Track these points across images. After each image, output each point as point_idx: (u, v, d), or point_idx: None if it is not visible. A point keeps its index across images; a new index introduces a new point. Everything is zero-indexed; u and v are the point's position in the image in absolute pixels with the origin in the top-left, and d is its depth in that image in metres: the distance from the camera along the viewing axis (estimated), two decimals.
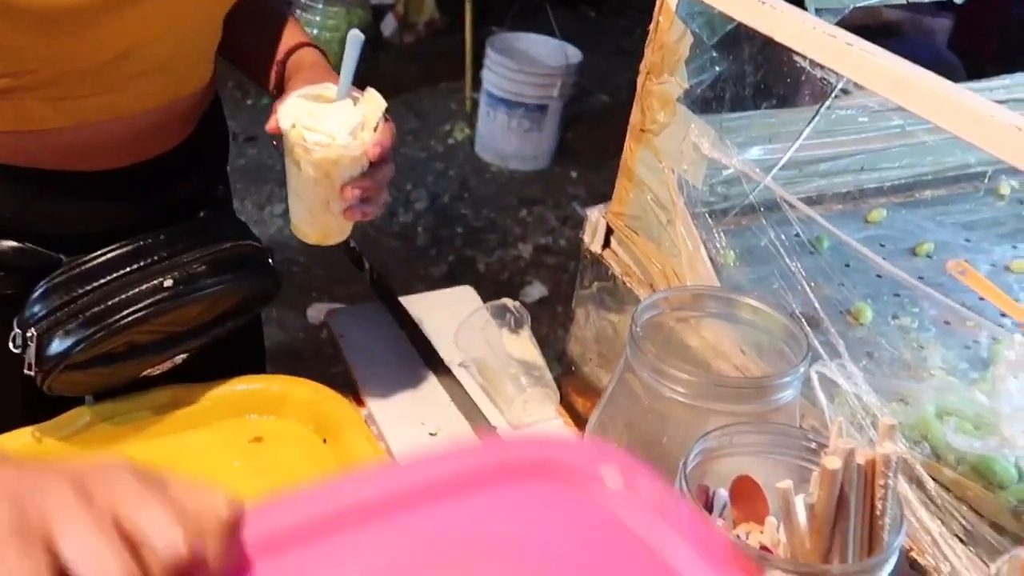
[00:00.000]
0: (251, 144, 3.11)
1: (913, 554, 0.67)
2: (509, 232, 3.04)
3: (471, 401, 0.96)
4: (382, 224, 2.94)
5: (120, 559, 0.37)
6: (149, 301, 0.80)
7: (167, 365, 0.88)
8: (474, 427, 0.96)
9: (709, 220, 0.90)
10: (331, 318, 1.12)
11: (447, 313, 1.07)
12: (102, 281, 0.79)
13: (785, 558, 0.54)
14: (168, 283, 0.80)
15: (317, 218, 0.81)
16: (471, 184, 3.28)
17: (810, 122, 0.91)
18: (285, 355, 2.33)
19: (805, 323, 0.81)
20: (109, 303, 0.79)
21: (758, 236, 0.92)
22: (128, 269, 0.80)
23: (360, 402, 0.99)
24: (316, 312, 2.50)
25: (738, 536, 0.58)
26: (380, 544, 0.51)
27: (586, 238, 0.98)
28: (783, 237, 0.90)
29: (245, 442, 0.90)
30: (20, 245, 0.79)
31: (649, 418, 0.69)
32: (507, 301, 1.03)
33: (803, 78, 0.81)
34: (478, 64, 3.28)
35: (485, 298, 1.10)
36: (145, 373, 0.87)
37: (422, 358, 1.04)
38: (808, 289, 0.86)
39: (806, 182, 1.07)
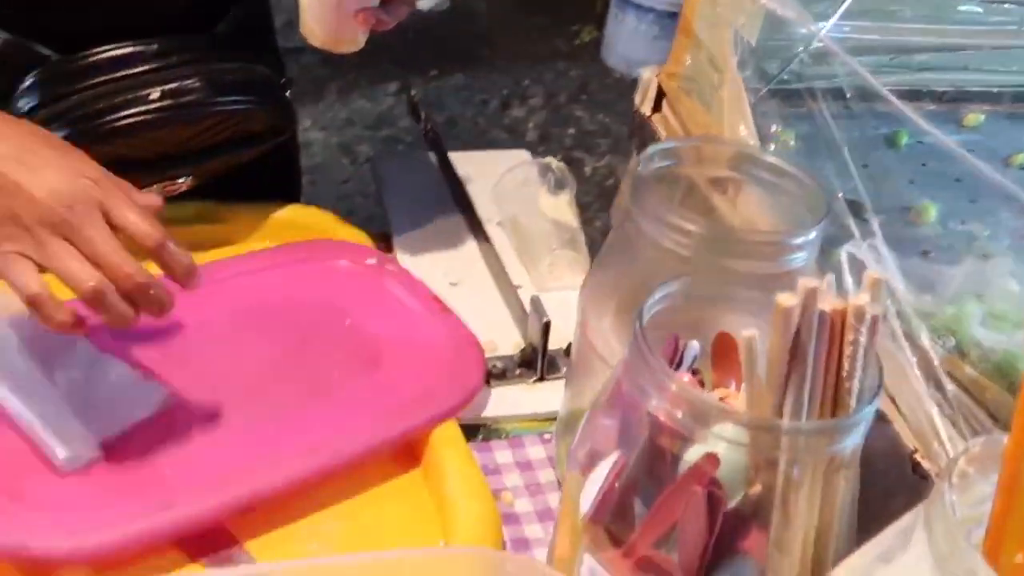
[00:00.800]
0: None
1: (918, 456, 0.61)
2: (622, 139, 2.95)
3: (497, 259, 0.92)
4: (492, 116, 2.90)
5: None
6: (133, 111, 0.77)
7: (170, 189, 0.85)
8: (497, 284, 0.92)
9: (773, 97, 0.82)
10: (377, 158, 1.09)
11: (496, 172, 1.03)
12: (89, 83, 0.76)
13: (734, 410, 0.48)
14: (155, 95, 0.77)
15: (326, 10, 0.76)
16: (591, 88, 3.19)
17: None
18: (327, 188, 2.33)
19: (849, 207, 0.73)
20: (95, 107, 0.76)
21: (828, 124, 0.83)
22: (118, 74, 0.77)
23: (389, 247, 0.96)
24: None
25: (695, 385, 0.52)
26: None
27: (637, 99, 0.92)
28: (857, 128, 0.82)
29: None
30: (10, 37, 0.76)
31: (644, 273, 0.63)
32: (551, 160, 0.98)
33: None
34: None
35: None
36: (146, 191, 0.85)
37: (460, 211, 1.00)
38: (871, 178, 0.78)
39: (897, 73, 0.97)
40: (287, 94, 0.86)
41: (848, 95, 0.84)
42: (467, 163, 1.07)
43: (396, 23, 0.79)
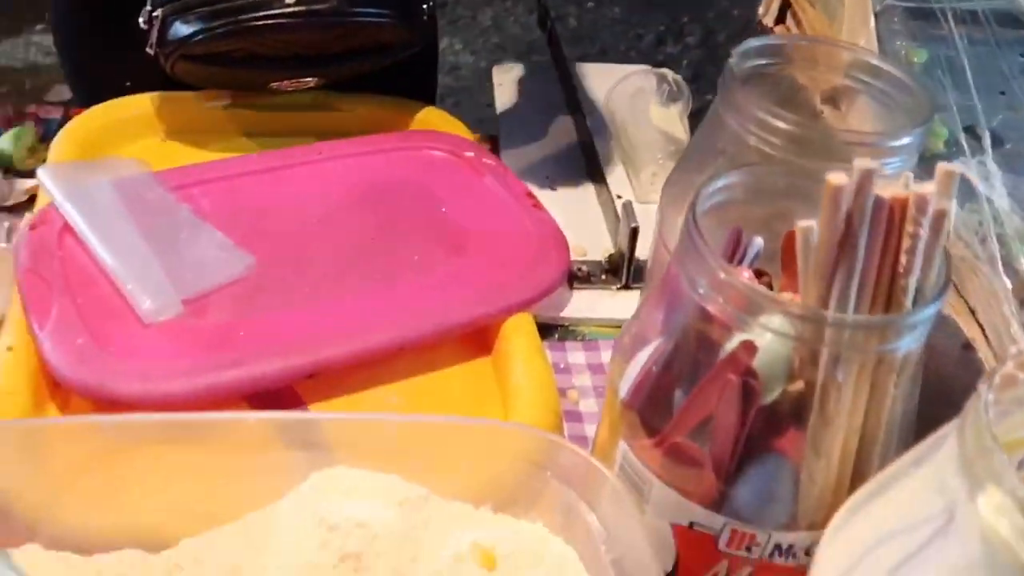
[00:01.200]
0: None
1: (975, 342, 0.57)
2: None
3: (599, 166, 0.90)
4: (646, 51, 2.84)
5: None
6: (270, 12, 0.78)
7: (296, 84, 0.87)
8: (597, 192, 0.90)
9: (903, 14, 0.77)
10: (496, 66, 1.08)
11: (621, 79, 1.01)
12: None
13: (776, 297, 0.46)
14: (290, 0, 0.78)
15: None
16: (752, 30, 3.08)
17: None
18: (470, 109, 2.34)
19: (967, 132, 0.68)
20: (235, 3, 0.78)
21: (961, 47, 0.77)
22: None
23: (495, 150, 0.96)
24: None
25: (743, 276, 0.50)
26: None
27: (760, 9, 0.87)
28: (1002, 58, 0.76)
29: None
30: None
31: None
32: (667, 72, 0.95)
33: None
34: None
35: None
36: (273, 86, 0.87)
37: (571, 118, 0.99)
38: (1010, 108, 0.73)
39: None
40: (425, 6, 0.86)
41: (987, 19, 0.78)
42: (587, 73, 1.05)
43: None
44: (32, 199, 0.83)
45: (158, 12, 0.79)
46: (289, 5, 0.79)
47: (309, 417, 0.56)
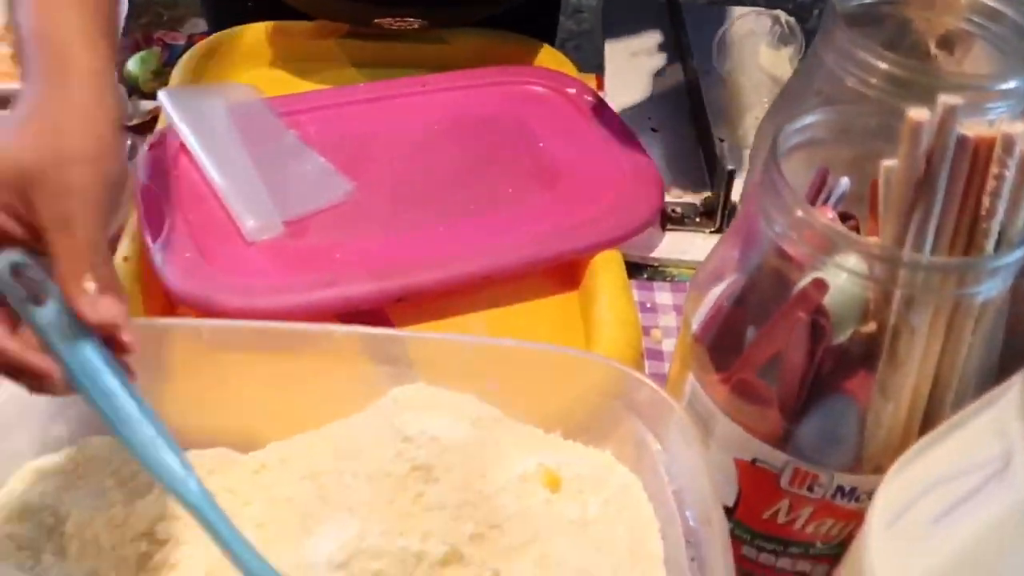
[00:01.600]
0: None
1: None
2: None
3: (703, 107, 0.89)
4: None
5: None
6: None
7: (401, 24, 0.89)
8: (698, 134, 0.90)
9: None
10: (607, 4, 1.08)
11: (734, 20, 0.99)
12: None
13: (850, 235, 0.45)
14: None
15: None
16: None
17: None
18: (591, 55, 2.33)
19: None
20: None
21: None
22: None
23: (600, 85, 0.96)
24: None
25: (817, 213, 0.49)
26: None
27: None
28: None
29: None
30: None
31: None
32: (780, 13, 0.93)
33: None
34: None
35: None
36: (377, 22, 0.89)
37: (679, 59, 0.98)
38: None
39: None
40: None
41: None
42: (700, 14, 1.03)
43: None
44: (154, 120, 0.87)
45: None
46: None
47: (394, 334, 0.58)
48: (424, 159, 0.79)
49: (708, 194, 0.81)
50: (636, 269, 0.77)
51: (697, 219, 0.80)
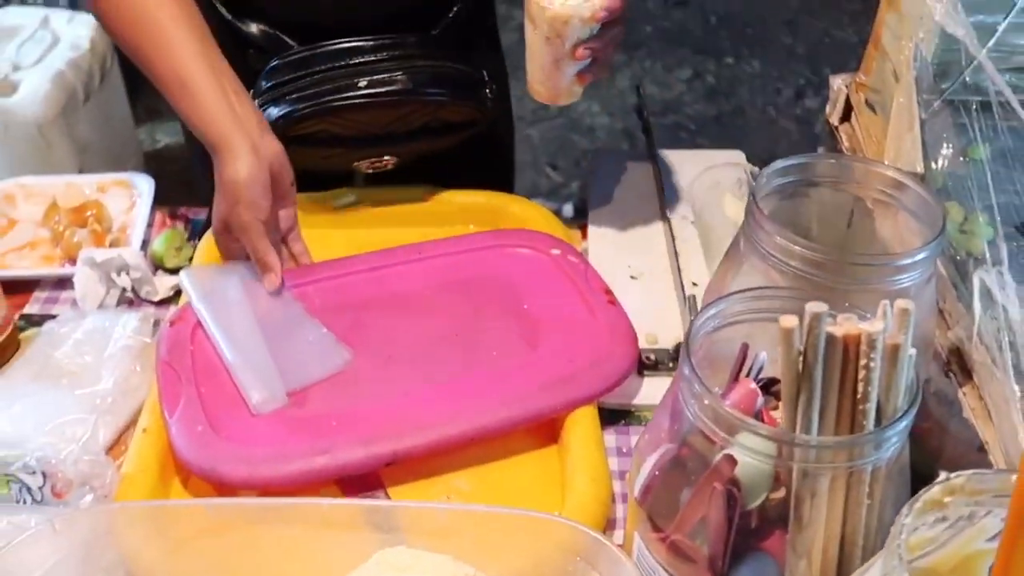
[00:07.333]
0: None
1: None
2: None
3: (676, 257, 0.97)
4: (784, 106, 2.85)
5: None
6: (345, 94, 0.90)
7: (375, 166, 0.99)
8: (674, 280, 0.97)
9: (965, 107, 0.80)
10: (593, 155, 1.16)
11: (703, 171, 1.07)
12: (315, 69, 0.91)
13: (749, 421, 0.51)
14: (363, 83, 0.90)
15: (548, 76, 0.87)
16: None
17: None
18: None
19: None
20: (317, 89, 0.91)
21: (1007, 138, 0.80)
22: (338, 63, 0.91)
23: (584, 234, 1.03)
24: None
25: (757, 394, 0.56)
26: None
27: (827, 108, 0.92)
28: None
29: None
30: (267, 29, 0.93)
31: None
32: (743, 164, 1.01)
33: None
34: None
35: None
36: (355, 165, 0.99)
37: (659, 207, 1.05)
38: None
39: None
40: (488, 91, 0.95)
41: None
42: (680, 160, 1.11)
43: (608, 72, 0.88)
44: (178, 294, 0.96)
45: (256, 101, 0.92)
46: (362, 88, 0.92)
47: (383, 505, 0.65)
48: (416, 324, 0.86)
49: (680, 340, 0.88)
50: (614, 416, 0.83)
51: (670, 364, 0.86)
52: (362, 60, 0.92)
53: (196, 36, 0.84)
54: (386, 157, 0.98)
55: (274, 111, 0.91)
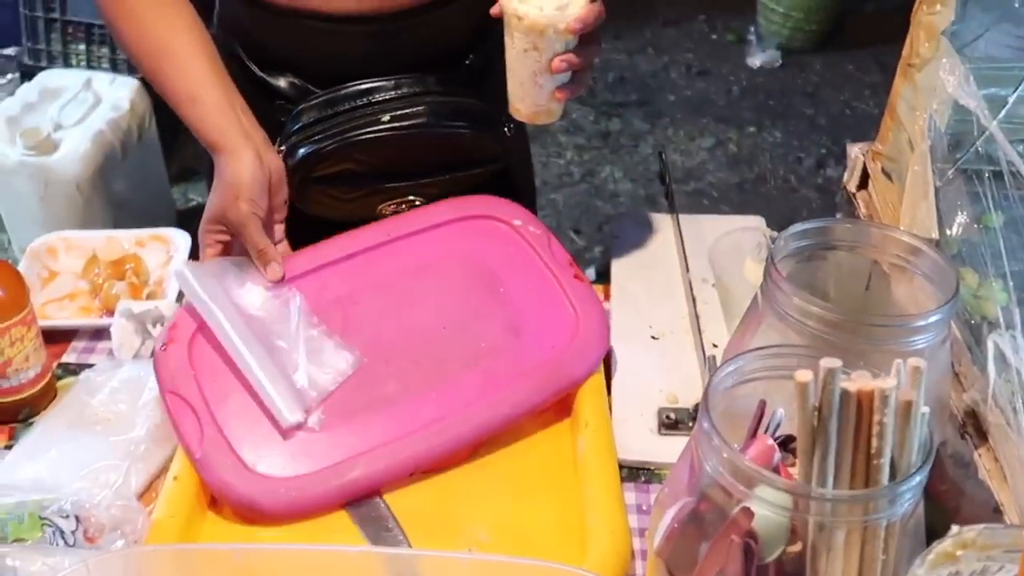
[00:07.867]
0: None
1: None
2: None
3: (696, 319, 0.99)
4: (806, 175, 2.87)
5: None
6: (369, 130, 0.94)
7: (400, 208, 1.01)
8: (695, 341, 0.98)
9: (979, 176, 0.83)
10: (616, 219, 1.19)
11: (723, 235, 1.09)
12: (340, 109, 0.95)
13: (766, 473, 0.53)
14: (385, 119, 0.94)
15: (527, 91, 0.89)
16: None
17: None
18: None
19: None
20: (342, 127, 0.94)
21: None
22: (361, 102, 0.95)
23: (607, 295, 1.06)
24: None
25: (774, 450, 0.57)
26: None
27: (845, 176, 0.95)
28: None
29: None
30: (295, 80, 0.98)
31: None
32: (762, 227, 1.03)
33: None
34: None
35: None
36: (380, 209, 1.01)
37: (681, 269, 1.08)
38: None
39: None
40: (506, 128, 0.99)
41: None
42: (701, 225, 1.14)
43: (584, 90, 0.90)
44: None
45: (282, 147, 0.96)
46: (385, 123, 0.95)
47: (403, 553, 0.67)
48: (403, 318, 0.89)
49: (699, 400, 0.89)
50: (633, 473, 0.84)
51: (690, 424, 0.88)
52: (384, 98, 0.96)
53: (209, 62, 0.92)
54: (410, 197, 1.01)
55: (301, 151, 0.95)
